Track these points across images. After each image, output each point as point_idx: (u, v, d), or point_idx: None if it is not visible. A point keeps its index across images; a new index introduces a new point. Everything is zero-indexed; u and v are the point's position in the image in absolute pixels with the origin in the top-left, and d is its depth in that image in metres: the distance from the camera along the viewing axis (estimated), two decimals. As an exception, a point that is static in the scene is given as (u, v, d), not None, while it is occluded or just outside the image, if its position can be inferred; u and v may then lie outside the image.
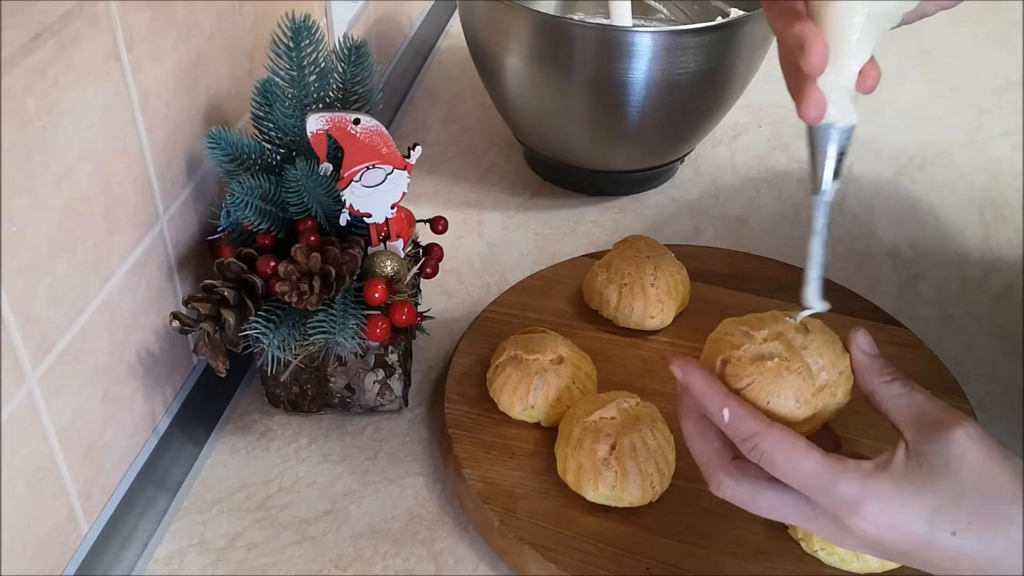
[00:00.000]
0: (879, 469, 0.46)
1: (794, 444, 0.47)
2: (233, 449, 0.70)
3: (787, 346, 0.51)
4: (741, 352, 0.51)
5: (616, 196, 0.96)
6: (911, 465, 0.46)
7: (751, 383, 0.50)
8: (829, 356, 0.51)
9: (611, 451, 0.62)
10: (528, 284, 0.81)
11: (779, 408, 0.50)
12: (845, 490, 0.46)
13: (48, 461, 0.54)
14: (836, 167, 0.50)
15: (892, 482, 0.46)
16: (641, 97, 0.83)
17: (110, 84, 0.55)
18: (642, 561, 0.60)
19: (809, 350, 0.51)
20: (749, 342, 0.51)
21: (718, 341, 0.53)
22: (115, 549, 0.61)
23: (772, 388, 0.50)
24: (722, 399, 0.50)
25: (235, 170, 0.66)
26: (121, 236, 0.59)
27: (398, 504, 0.67)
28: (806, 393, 0.50)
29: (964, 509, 0.45)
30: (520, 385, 0.68)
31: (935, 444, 0.46)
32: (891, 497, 0.46)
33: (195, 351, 0.64)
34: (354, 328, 0.62)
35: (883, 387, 0.50)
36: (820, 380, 0.50)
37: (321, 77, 0.68)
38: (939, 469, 0.46)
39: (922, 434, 0.47)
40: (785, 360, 0.50)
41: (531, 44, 0.84)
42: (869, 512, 0.46)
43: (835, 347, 0.51)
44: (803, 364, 0.50)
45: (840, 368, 0.51)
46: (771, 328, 0.52)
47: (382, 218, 0.66)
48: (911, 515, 0.45)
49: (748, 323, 0.53)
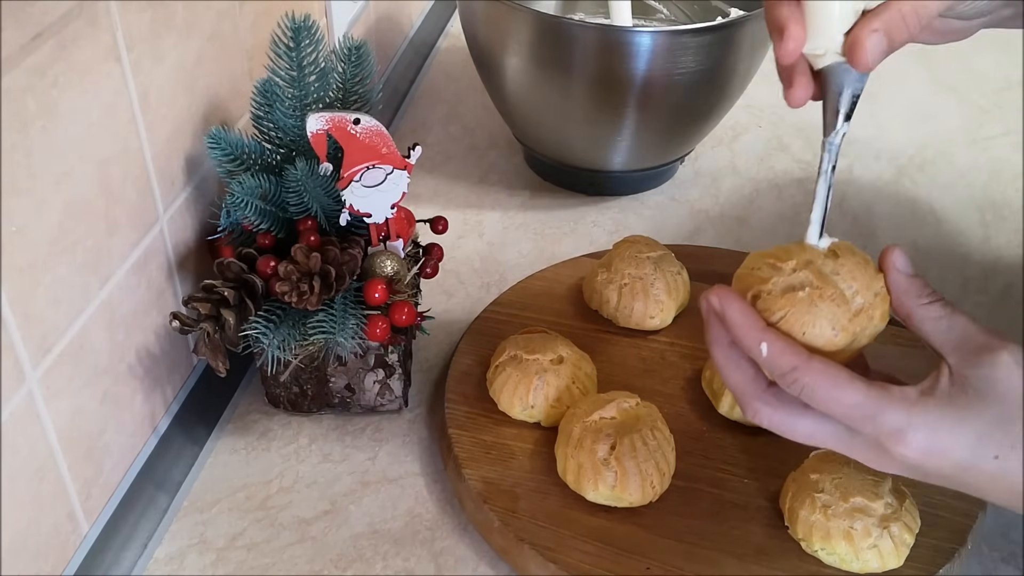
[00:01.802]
0: (924, 396, 0.46)
1: (836, 376, 0.46)
2: (233, 449, 0.70)
3: (817, 274, 0.49)
4: (770, 285, 0.49)
5: (616, 196, 0.96)
6: (956, 391, 0.45)
7: (784, 316, 0.48)
8: (862, 279, 0.49)
9: (611, 451, 0.62)
10: (528, 284, 0.81)
11: (816, 338, 0.48)
12: (890, 419, 0.45)
13: (48, 461, 0.54)
14: (848, 109, 0.49)
15: (938, 409, 0.45)
16: (641, 97, 0.83)
17: (110, 84, 0.55)
18: (642, 561, 0.60)
19: (841, 275, 0.49)
20: (777, 274, 0.49)
21: (745, 276, 0.51)
22: (115, 549, 0.61)
23: (807, 319, 0.48)
24: (759, 333, 0.48)
25: (235, 170, 0.66)
26: (121, 236, 0.59)
27: (398, 504, 0.67)
28: (842, 320, 0.48)
29: (1009, 434, 0.45)
30: (520, 385, 0.68)
31: (980, 369, 0.45)
32: (936, 424, 0.45)
33: (195, 351, 0.64)
34: (354, 328, 0.62)
35: (922, 309, 0.48)
36: (855, 304, 0.48)
37: (321, 77, 0.68)
38: (984, 394, 0.45)
39: (965, 358, 0.46)
40: (817, 288, 0.48)
41: (531, 44, 0.84)
42: (914, 439, 0.45)
43: (868, 269, 0.49)
44: (836, 290, 0.48)
45: (875, 290, 0.49)
46: (799, 257, 0.50)
47: (382, 218, 0.66)
48: (956, 441, 0.45)
49: (774, 255, 0.50)
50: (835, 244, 0.51)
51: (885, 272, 0.50)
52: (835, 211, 0.94)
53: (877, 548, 0.58)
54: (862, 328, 0.49)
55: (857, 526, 0.58)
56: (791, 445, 0.66)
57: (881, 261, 0.50)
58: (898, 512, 0.59)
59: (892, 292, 0.49)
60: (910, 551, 0.59)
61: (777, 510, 0.63)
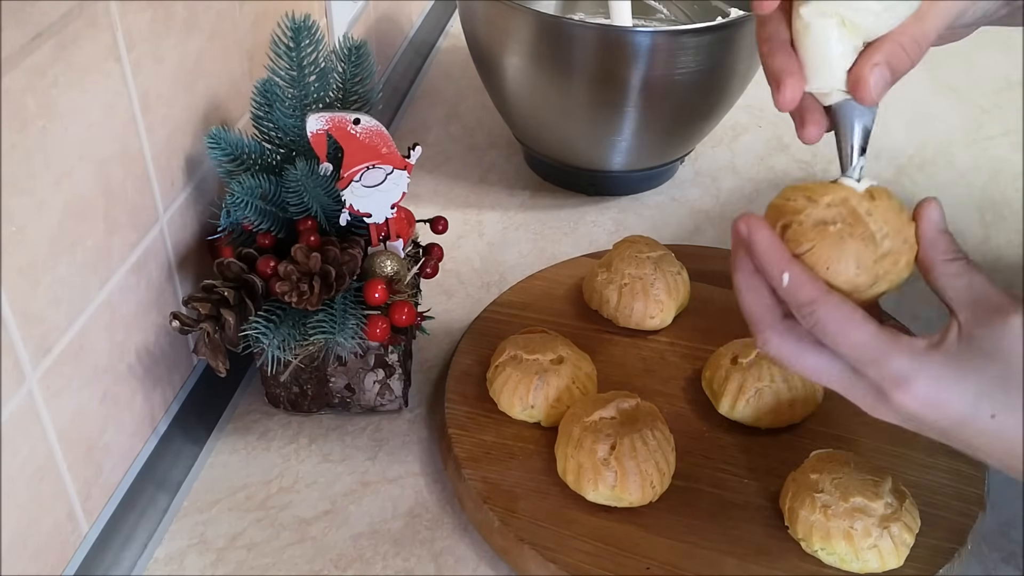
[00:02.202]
0: (931, 348, 0.46)
1: (851, 314, 0.47)
2: (233, 449, 0.70)
3: (851, 212, 0.49)
4: (803, 217, 0.49)
5: (616, 196, 0.96)
6: (963, 346, 0.46)
7: (812, 248, 0.48)
8: (895, 223, 0.49)
9: (611, 451, 0.62)
10: (528, 284, 0.81)
11: (838, 274, 0.48)
12: (896, 365, 0.46)
13: (48, 461, 0.54)
14: (862, 143, 0.50)
15: (943, 361, 0.46)
16: (641, 97, 0.83)
17: (110, 84, 0.55)
18: (642, 561, 0.60)
19: (874, 216, 0.49)
20: (812, 206, 0.49)
21: (779, 207, 0.51)
22: (115, 549, 0.61)
23: (833, 254, 0.48)
24: (784, 262, 0.48)
25: (235, 170, 0.66)
26: (121, 236, 0.59)
27: (398, 504, 0.67)
28: (867, 260, 0.48)
29: (1009, 395, 0.46)
30: (520, 385, 0.68)
31: (989, 329, 0.46)
32: (940, 376, 0.46)
33: (195, 351, 0.64)
34: (354, 328, 0.62)
35: (943, 264, 0.49)
36: (883, 247, 0.48)
37: (321, 77, 0.68)
38: (989, 353, 0.46)
39: (977, 317, 0.47)
40: (849, 225, 0.48)
41: (531, 44, 0.84)
42: (915, 388, 0.46)
43: (902, 215, 0.50)
44: (866, 230, 0.48)
45: (905, 236, 0.49)
46: (835, 194, 0.49)
47: (382, 218, 0.66)
48: (956, 395, 0.46)
49: (812, 189, 0.50)
50: (873, 187, 0.50)
51: (918, 221, 0.50)
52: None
53: (877, 548, 0.58)
54: (885, 272, 0.49)
55: (857, 526, 0.58)
56: (791, 445, 0.67)
57: (917, 210, 0.50)
58: (898, 512, 0.59)
59: (920, 242, 0.50)
60: (910, 551, 0.59)
61: (777, 510, 0.63)
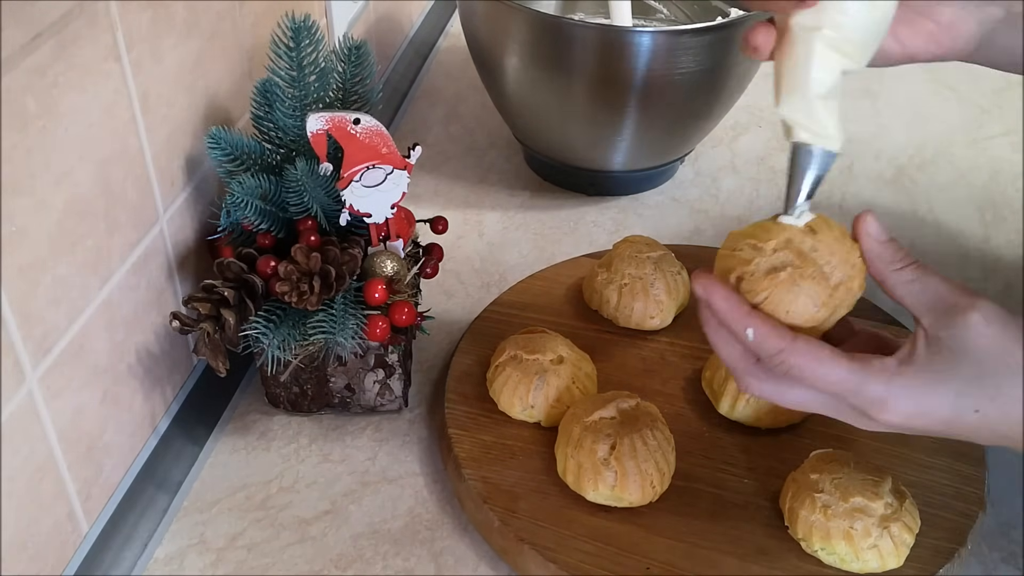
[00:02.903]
0: (903, 365, 0.48)
1: (819, 356, 0.49)
2: (233, 449, 0.70)
3: (797, 253, 0.50)
4: (753, 267, 0.51)
5: (616, 196, 0.96)
6: (932, 353, 0.48)
7: (767, 296, 0.50)
8: (840, 252, 0.50)
9: (611, 451, 0.62)
10: (528, 284, 0.81)
11: (798, 315, 0.50)
12: (873, 390, 0.48)
13: (48, 461, 0.54)
14: (811, 191, 0.51)
15: (916, 375, 0.48)
16: (641, 97, 0.83)
17: (110, 84, 0.55)
18: (642, 561, 0.60)
19: (819, 251, 0.50)
20: (759, 255, 0.51)
21: (727, 257, 0.52)
22: (115, 549, 0.61)
23: (788, 298, 0.50)
24: (745, 318, 0.50)
25: (235, 170, 0.66)
26: (121, 236, 0.59)
27: (398, 504, 0.67)
28: (823, 295, 0.50)
29: (986, 389, 0.47)
30: (520, 385, 0.68)
31: (953, 329, 0.47)
32: (916, 389, 0.48)
33: (195, 351, 0.64)
34: (354, 328, 0.62)
35: (895, 275, 0.50)
36: (835, 279, 0.50)
37: (321, 77, 0.68)
38: (959, 354, 0.47)
39: (939, 320, 0.48)
40: (798, 268, 0.50)
41: (531, 44, 0.84)
42: (896, 406, 0.48)
43: (844, 241, 0.51)
44: (816, 268, 0.50)
45: (852, 262, 0.51)
46: (778, 237, 0.51)
47: (382, 218, 0.66)
48: (936, 401, 0.48)
49: (755, 235, 0.52)
50: (812, 221, 0.52)
51: (859, 239, 0.51)
52: (835, 211, 0.95)
53: (877, 548, 0.58)
54: (841, 299, 0.51)
55: (857, 526, 0.58)
56: (791, 445, 0.67)
57: (854, 228, 0.51)
58: (898, 512, 0.59)
59: (867, 259, 0.51)
60: (910, 551, 0.59)
61: (777, 510, 0.63)
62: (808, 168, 0.51)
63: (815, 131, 0.50)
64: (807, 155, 0.51)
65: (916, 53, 0.56)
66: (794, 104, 0.50)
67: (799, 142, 0.51)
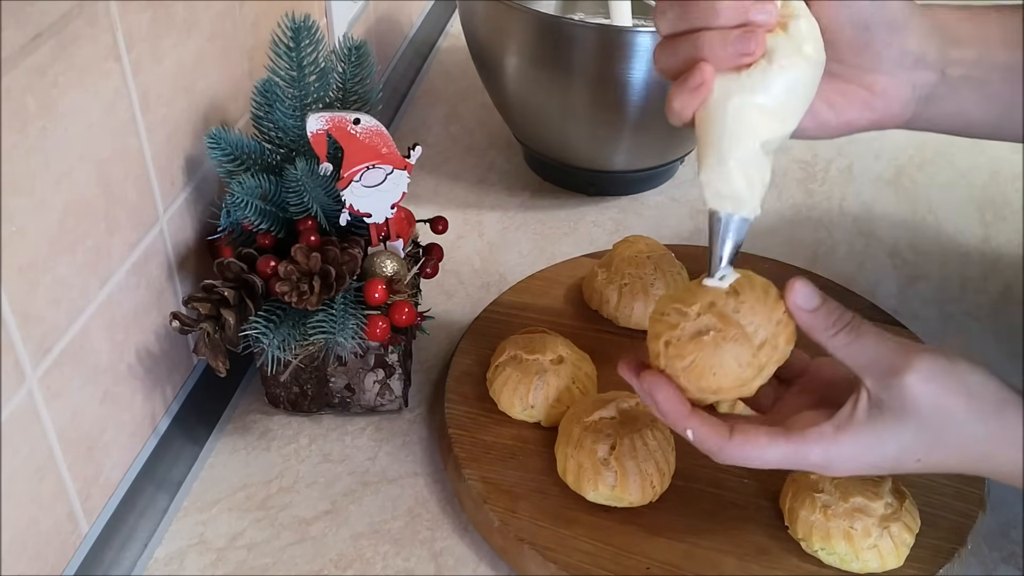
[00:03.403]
0: (839, 431, 0.50)
1: (755, 443, 0.51)
2: (233, 449, 0.70)
3: (720, 316, 0.51)
4: (679, 331, 0.52)
5: (616, 196, 0.96)
6: (872, 416, 0.50)
7: (693, 360, 0.51)
8: (763, 312, 0.51)
9: (611, 451, 0.62)
10: (528, 284, 0.81)
11: (725, 377, 0.51)
12: (814, 458, 0.51)
13: (48, 461, 0.54)
14: (731, 258, 0.52)
15: (854, 438, 0.50)
16: (641, 97, 0.83)
17: (110, 84, 0.55)
18: (642, 561, 0.60)
19: (742, 312, 0.51)
20: (684, 320, 0.52)
21: (657, 322, 0.54)
22: (115, 549, 0.61)
23: (714, 360, 0.51)
24: (684, 419, 0.52)
25: (235, 170, 0.66)
26: (121, 236, 0.59)
27: (398, 504, 0.67)
28: (746, 356, 0.51)
29: (925, 442, 0.49)
30: (520, 385, 0.68)
31: (891, 390, 0.49)
32: (856, 451, 0.50)
33: (195, 351, 0.64)
34: (354, 328, 0.62)
35: (830, 340, 0.51)
36: (758, 338, 0.51)
37: (321, 77, 0.68)
38: (899, 413, 0.49)
39: (879, 381, 0.49)
40: (720, 331, 0.51)
41: (531, 44, 0.84)
42: (839, 467, 0.51)
43: (767, 300, 0.51)
44: (738, 330, 0.51)
45: (776, 319, 0.51)
46: (702, 300, 0.52)
47: (382, 218, 0.66)
48: (879, 455, 0.50)
49: (681, 299, 0.53)
50: (736, 281, 0.52)
51: (788, 307, 0.51)
52: (835, 211, 0.95)
53: (877, 548, 0.58)
54: (768, 357, 0.51)
55: (857, 526, 0.58)
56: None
57: (784, 295, 0.52)
58: (898, 512, 0.59)
59: (801, 327, 0.52)
60: (910, 551, 0.59)
61: (777, 510, 0.63)
62: (725, 235, 0.51)
63: (730, 197, 0.50)
64: (721, 222, 0.51)
65: (852, 120, 0.55)
66: (710, 168, 0.50)
67: (713, 210, 0.51)
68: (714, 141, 0.49)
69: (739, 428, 0.52)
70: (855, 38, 0.52)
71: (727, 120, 0.49)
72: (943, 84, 0.55)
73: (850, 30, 0.52)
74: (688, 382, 0.52)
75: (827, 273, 0.83)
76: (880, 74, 0.54)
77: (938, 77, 0.55)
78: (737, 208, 0.50)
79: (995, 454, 0.50)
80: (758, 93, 0.48)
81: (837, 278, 0.83)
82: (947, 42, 0.55)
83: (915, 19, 0.54)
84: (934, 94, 0.55)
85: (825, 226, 0.93)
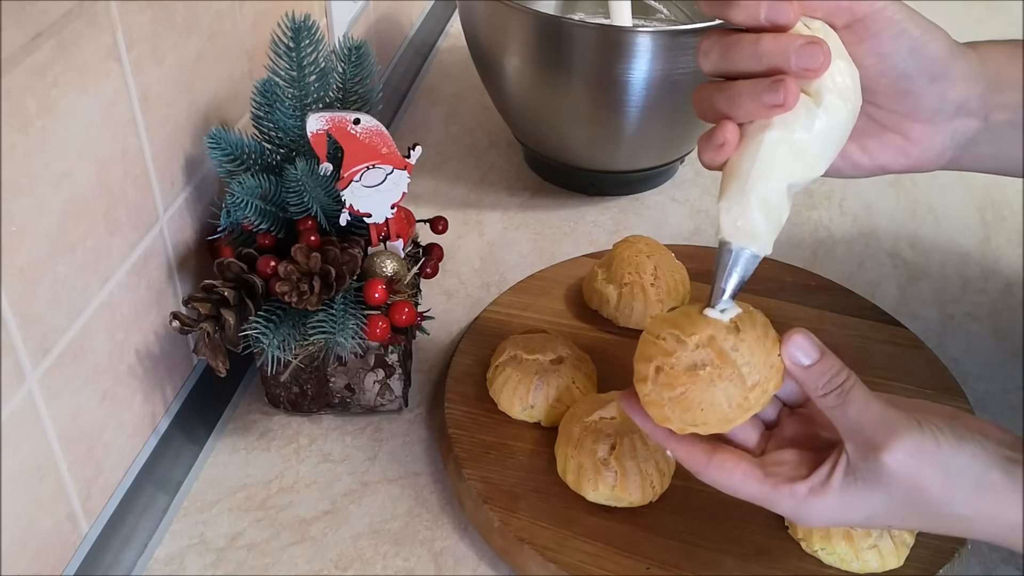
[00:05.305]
0: (812, 494, 0.50)
1: (732, 474, 0.52)
2: (233, 449, 0.70)
3: (718, 352, 0.50)
4: (674, 360, 0.50)
5: (616, 196, 0.96)
6: (847, 483, 0.50)
7: (684, 392, 0.50)
8: (760, 353, 0.50)
9: (611, 451, 0.62)
10: (528, 284, 0.81)
11: (713, 413, 0.50)
12: (785, 507, 0.51)
13: (48, 461, 0.54)
14: (734, 292, 0.51)
15: (827, 503, 0.50)
16: (641, 97, 0.83)
17: (110, 84, 0.55)
18: (642, 561, 0.60)
19: (740, 351, 0.50)
20: (681, 349, 0.50)
21: (650, 344, 0.52)
22: (115, 549, 0.61)
23: (705, 397, 0.50)
24: (664, 441, 0.53)
25: (235, 170, 0.66)
26: (121, 236, 0.59)
27: (398, 504, 0.67)
28: (737, 397, 0.50)
29: (897, 513, 0.50)
30: (520, 385, 0.68)
31: (869, 463, 0.49)
32: (826, 513, 0.51)
33: (195, 351, 0.64)
34: (354, 328, 0.62)
35: (819, 400, 0.50)
36: (751, 380, 0.50)
37: (321, 77, 0.68)
38: (873, 485, 0.49)
39: (858, 451, 0.49)
40: (717, 368, 0.50)
41: (531, 44, 0.84)
42: (808, 521, 0.52)
43: (765, 342, 0.51)
44: (734, 369, 0.50)
45: (771, 363, 0.50)
46: (702, 332, 0.50)
47: (382, 218, 0.66)
48: (848, 519, 0.51)
49: (679, 325, 0.51)
50: (738, 316, 0.51)
51: (784, 362, 0.51)
52: (836, 211, 0.95)
53: (877, 548, 0.58)
54: (756, 399, 0.51)
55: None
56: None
57: (781, 348, 0.51)
58: (898, 512, 0.59)
59: (793, 379, 0.51)
60: (910, 551, 0.59)
61: (777, 510, 0.63)
62: (732, 268, 0.50)
63: (745, 230, 0.49)
64: (731, 254, 0.50)
65: (886, 165, 0.55)
66: (731, 198, 0.49)
67: (725, 240, 0.50)
68: (742, 172, 0.48)
69: (718, 457, 0.52)
70: (893, 86, 0.51)
71: (760, 153, 0.48)
72: (986, 130, 0.54)
73: (889, 79, 0.51)
74: (672, 411, 0.51)
75: (827, 273, 0.84)
76: (918, 122, 0.53)
77: (980, 124, 0.53)
78: (750, 243, 0.49)
79: (973, 529, 0.50)
80: (797, 130, 0.48)
81: (837, 278, 0.83)
82: (991, 87, 0.53)
83: (958, 66, 0.52)
84: (975, 140, 0.54)
85: (825, 226, 0.93)
